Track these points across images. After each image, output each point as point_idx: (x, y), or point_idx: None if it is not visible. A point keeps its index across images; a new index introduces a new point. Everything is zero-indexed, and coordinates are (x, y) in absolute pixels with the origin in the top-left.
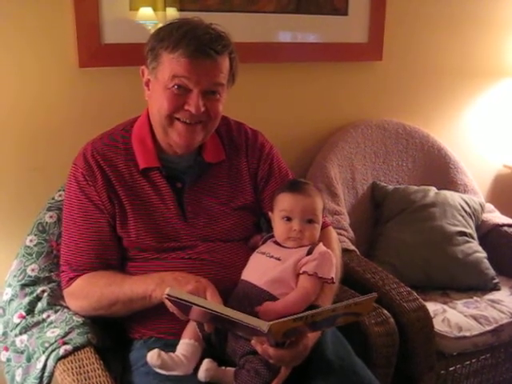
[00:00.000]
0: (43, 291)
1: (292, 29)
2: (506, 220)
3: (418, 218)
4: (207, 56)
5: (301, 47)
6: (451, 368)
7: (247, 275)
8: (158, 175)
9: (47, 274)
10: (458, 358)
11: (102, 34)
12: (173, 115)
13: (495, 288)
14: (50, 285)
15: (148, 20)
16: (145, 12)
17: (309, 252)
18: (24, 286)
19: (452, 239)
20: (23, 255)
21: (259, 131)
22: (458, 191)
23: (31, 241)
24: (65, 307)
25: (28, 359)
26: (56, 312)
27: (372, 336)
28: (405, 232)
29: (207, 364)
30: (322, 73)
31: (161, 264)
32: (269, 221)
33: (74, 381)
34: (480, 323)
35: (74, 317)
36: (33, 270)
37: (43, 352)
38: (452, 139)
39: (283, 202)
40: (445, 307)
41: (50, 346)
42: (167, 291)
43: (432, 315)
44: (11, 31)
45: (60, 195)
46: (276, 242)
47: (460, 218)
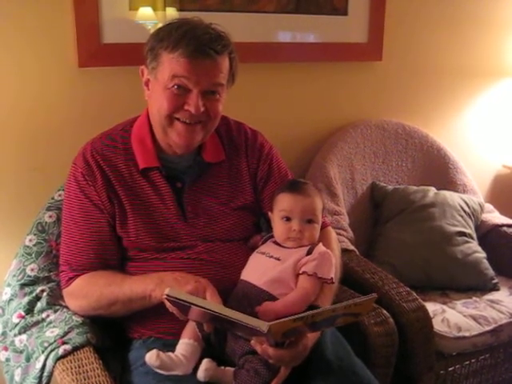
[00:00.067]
0: (42, 291)
1: (292, 29)
2: (506, 220)
3: (418, 218)
4: (207, 56)
5: (300, 47)
6: (450, 368)
7: (247, 275)
8: (158, 175)
9: (46, 274)
10: (458, 358)
11: (102, 34)
12: (172, 115)
13: (494, 288)
14: (50, 284)
15: (148, 20)
16: (144, 12)
17: (308, 252)
18: (23, 286)
19: (451, 239)
20: (22, 255)
21: (259, 131)
22: (458, 191)
23: (30, 240)
24: (64, 307)
25: (27, 359)
26: (55, 312)
27: (371, 336)
28: (404, 232)
29: (206, 364)
30: (322, 73)
31: (160, 264)
32: (268, 221)
33: (74, 380)
34: (479, 323)
35: (74, 316)
36: (32, 270)
37: (42, 352)
38: (451, 139)
39: (283, 202)
40: (444, 307)
41: (50, 346)
42: (166, 291)
43: (431, 315)
44: (11, 31)
45: (59, 195)
46: (276, 242)
47: (459, 218)
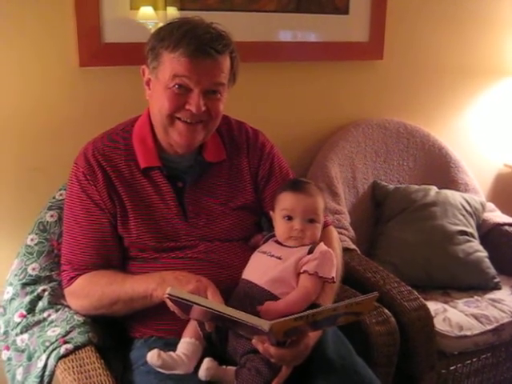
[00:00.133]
0: (44, 290)
1: (293, 28)
2: (507, 219)
3: (419, 218)
4: (208, 55)
5: (301, 46)
6: (452, 367)
7: (248, 274)
8: (159, 175)
9: (48, 273)
10: (459, 358)
11: (103, 34)
12: (173, 115)
13: (496, 287)
14: (51, 284)
15: (148, 19)
16: (145, 11)
17: (310, 251)
18: (25, 285)
19: (453, 238)
20: (24, 254)
21: (260, 130)
22: (459, 190)
23: (32, 240)
24: (66, 306)
25: (29, 358)
26: (57, 311)
27: (373, 335)
28: (406, 231)
29: (208, 363)
30: (323, 72)
31: (160, 264)
32: (270, 220)
33: (75, 380)
34: (481, 322)
35: (75, 316)
36: (34, 269)
37: (44, 351)
38: (453, 138)
39: (285, 202)
40: (445, 306)
41: (51, 345)
42: (168, 291)
43: (433, 314)
44: (13, 31)
45: (61, 194)
46: (277, 242)
47: (461, 218)
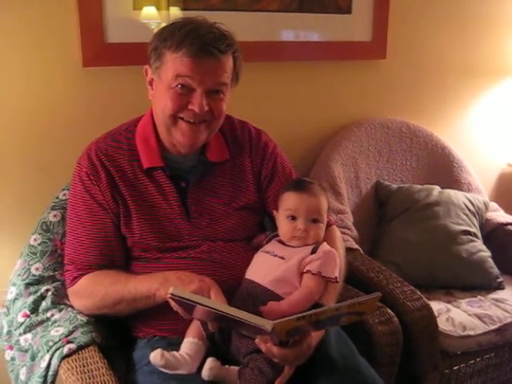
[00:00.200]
0: (47, 290)
1: (295, 28)
2: (510, 219)
3: (422, 217)
4: (211, 55)
5: (304, 46)
6: (455, 367)
7: (251, 274)
8: (162, 175)
9: (51, 273)
10: (462, 357)
11: (106, 34)
12: (176, 115)
13: (499, 287)
14: (54, 284)
15: (151, 19)
16: (148, 11)
17: (313, 251)
18: (28, 285)
19: (456, 238)
20: (27, 254)
21: (263, 130)
22: (462, 190)
23: (35, 240)
24: (69, 306)
25: (32, 358)
26: (60, 311)
27: (376, 335)
28: (409, 231)
29: (211, 363)
30: (326, 72)
31: (163, 263)
32: (273, 220)
33: (78, 379)
34: (484, 322)
35: (78, 316)
36: (37, 269)
37: (47, 351)
38: (456, 138)
39: (288, 201)
40: (449, 306)
41: (54, 345)
42: (171, 290)
43: (436, 314)
44: (15, 31)
45: (64, 194)
46: (280, 241)
47: (464, 217)
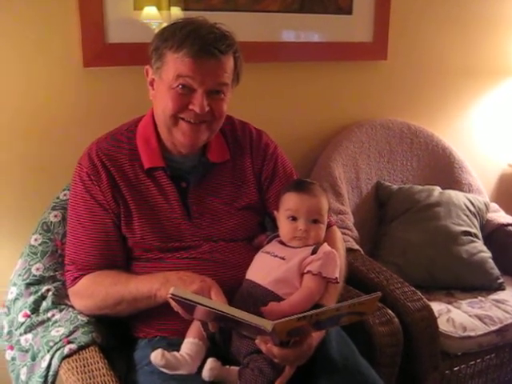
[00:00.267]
0: (48, 290)
1: (296, 28)
2: (511, 220)
3: (423, 218)
4: (211, 56)
5: (305, 46)
6: (456, 368)
7: (252, 275)
8: (163, 175)
9: (52, 273)
10: (463, 358)
11: (107, 34)
12: (177, 115)
13: (500, 288)
14: (55, 284)
15: (152, 19)
16: (149, 11)
17: (313, 251)
18: (29, 285)
19: (457, 239)
20: (28, 254)
21: (263, 131)
22: (463, 191)
23: (36, 240)
24: (69, 306)
25: (33, 358)
26: (61, 311)
27: (376, 335)
28: (409, 232)
29: (211, 363)
30: (327, 72)
31: (164, 263)
32: (273, 220)
33: (79, 380)
34: (485, 323)
35: (79, 316)
36: (37, 269)
37: (48, 351)
38: (457, 138)
39: (289, 202)
40: (449, 307)
41: (55, 345)
42: (172, 291)
43: (436, 315)
44: (16, 31)
45: (65, 194)
46: (281, 242)
47: (465, 218)
